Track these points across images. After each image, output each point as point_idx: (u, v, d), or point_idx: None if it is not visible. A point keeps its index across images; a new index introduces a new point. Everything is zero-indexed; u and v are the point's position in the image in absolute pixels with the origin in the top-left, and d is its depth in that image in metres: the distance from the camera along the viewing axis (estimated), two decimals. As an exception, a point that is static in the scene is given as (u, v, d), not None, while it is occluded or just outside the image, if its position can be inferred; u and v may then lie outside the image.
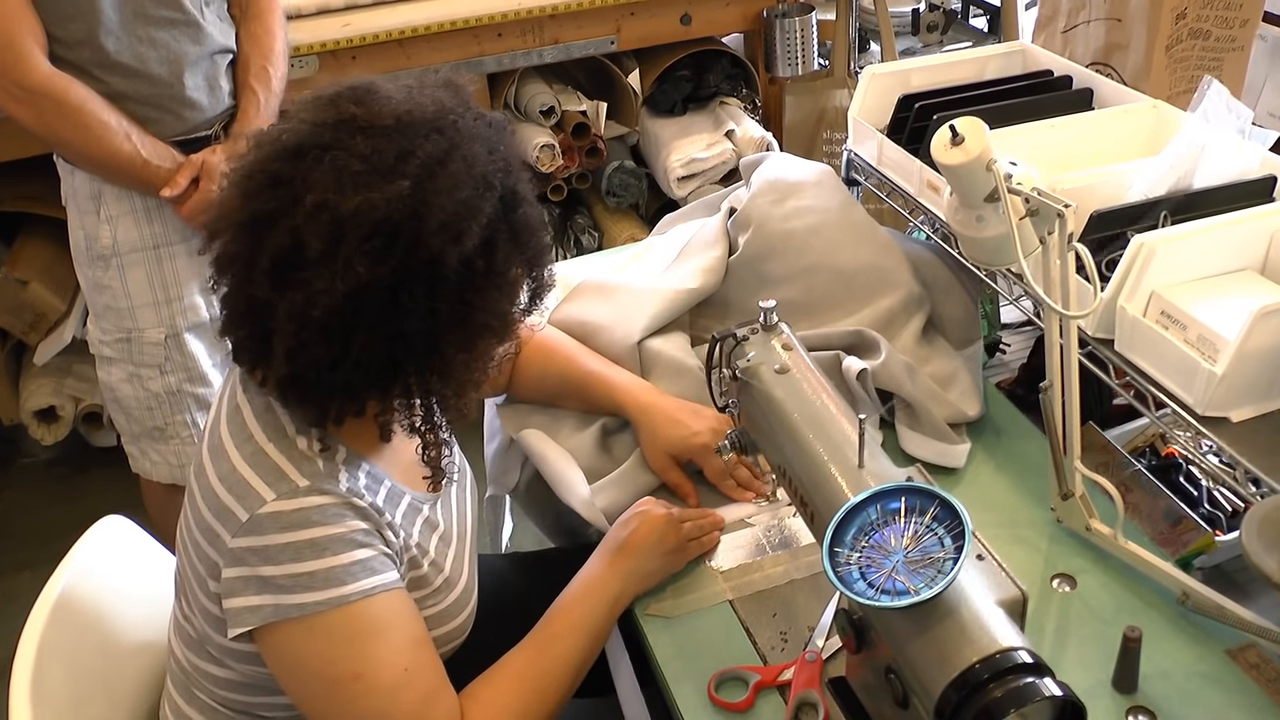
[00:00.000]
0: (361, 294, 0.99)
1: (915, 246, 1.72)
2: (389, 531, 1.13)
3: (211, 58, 1.92)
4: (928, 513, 1.01)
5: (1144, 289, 1.30)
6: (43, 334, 2.73)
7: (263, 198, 1.01)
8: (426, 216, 1.00)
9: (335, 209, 0.99)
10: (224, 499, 1.07)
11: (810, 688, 1.20)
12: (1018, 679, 0.92)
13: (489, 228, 1.04)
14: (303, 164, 1.01)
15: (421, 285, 1.01)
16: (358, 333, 1.01)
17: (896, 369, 1.51)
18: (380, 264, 0.99)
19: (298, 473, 1.07)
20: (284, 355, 1.01)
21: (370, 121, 1.03)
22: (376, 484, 1.15)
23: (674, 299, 1.64)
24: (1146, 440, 1.58)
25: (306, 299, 0.99)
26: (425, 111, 1.05)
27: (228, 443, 1.10)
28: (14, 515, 2.85)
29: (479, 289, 1.05)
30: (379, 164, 1.00)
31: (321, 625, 1.05)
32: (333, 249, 0.98)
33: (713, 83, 3.04)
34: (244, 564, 1.05)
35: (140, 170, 1.85)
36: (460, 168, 1.03)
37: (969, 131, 1.15)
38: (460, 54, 2.74)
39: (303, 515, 1.05)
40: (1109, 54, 2.04)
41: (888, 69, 1.84)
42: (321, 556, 1.05)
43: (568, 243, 3.06)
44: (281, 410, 1.11)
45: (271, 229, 1.00)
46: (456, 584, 1.25)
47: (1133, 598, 1.28)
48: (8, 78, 1.76)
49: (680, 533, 1.34)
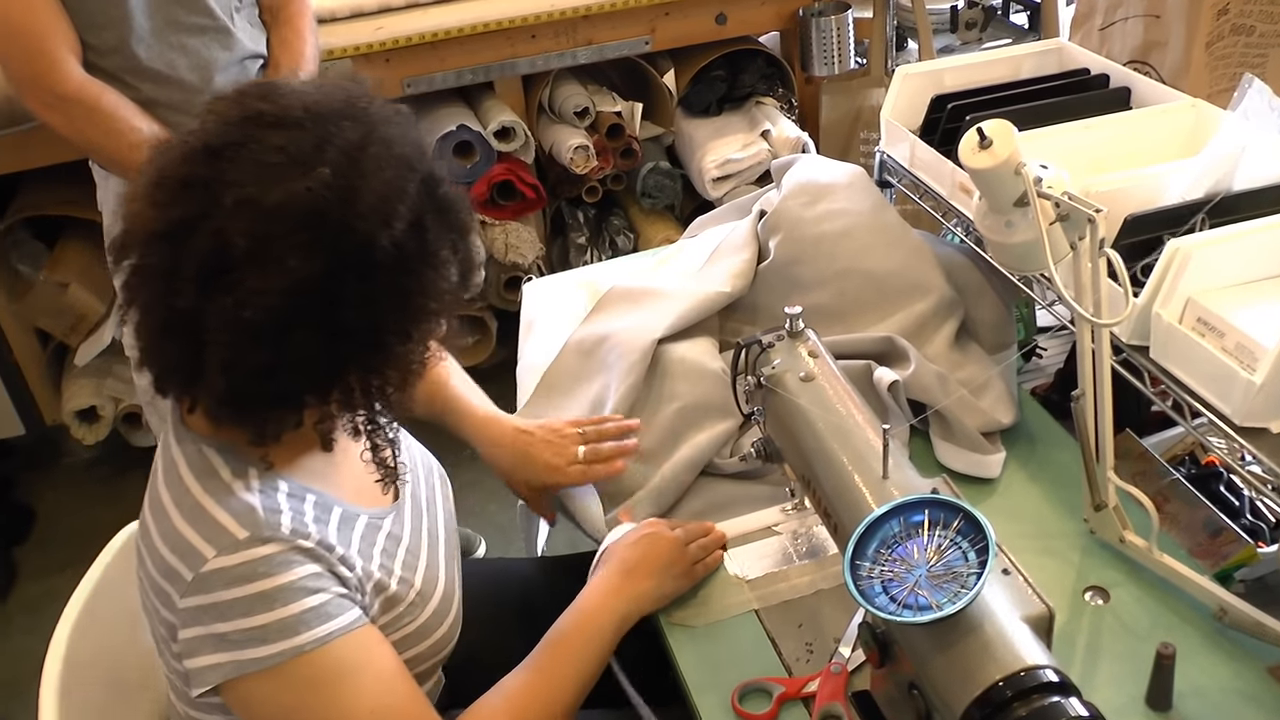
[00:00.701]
0: (296, 289, 0.95)
1: (948, 249, 1.69)
2: (343, 567, 1.08)
3: (242, 63, 1.93)
4: (951, 526, 0.99)
5: (1179, 295, 1.27)
6: (83, 336, 2.76)
7: (177, 204, 0.96)
8: (354, 202, 0.97)
9: (259, 203, 0.95)
10: (169, 559, 1.04)
11: (835, 700, 1.18)
12: (1042, 698, 0.89)
13: (416, 208, 1.01)
14: (216, 164, 0.97)
15: (356, 274, 0.98)
16: (295, 332, 0.97)
17: (928, 379, 1.48)
18: (312, 255, 0.95)
19: (236, 524, 1.03)
20: (219, 367, 0.97)
21: (279, 115, 0.99)
22: (325, 513, 1.11)
23: (702, 301, 1.63)
24: (1186, 448, 1.55)
25: (238, 301, 0.94)
26: (334, 101, 1.02)
27: (166, 500, 1.07)
28: (56, 515, 2.89)
29: (414, 271, 1.02)
30: (297, 155, 0.97)
31: (281, 676, 1.03)
32: (261, 246, 0.94)
33: (748, 82, 3.02)
34: (198, 623, 1.02)
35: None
36: (380, 150, 1.00)
37: (997, 135, 1.13)
38: (494, 56, 2.74)
39: (247, 569, 1.01)
40: (1147, 51, 2.00)
41: (920, 69, 1.81)
42: (272, 608, 1.01)
43: (603, 244, 3.05)
44: (213, 454, 1.07)
45: (192, 234, 0.95)
46: (431, 596, 1.21)
47: (1168, 613, 1.25)
48: (41, 85, 1.77)
49: (688, 558, 1.33)
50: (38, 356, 2.85)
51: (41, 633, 1.27)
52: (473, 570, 1.63)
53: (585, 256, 3.01)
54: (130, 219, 1.00)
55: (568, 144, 2.80)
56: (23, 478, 2.98)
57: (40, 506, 2.91)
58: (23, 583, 2.69)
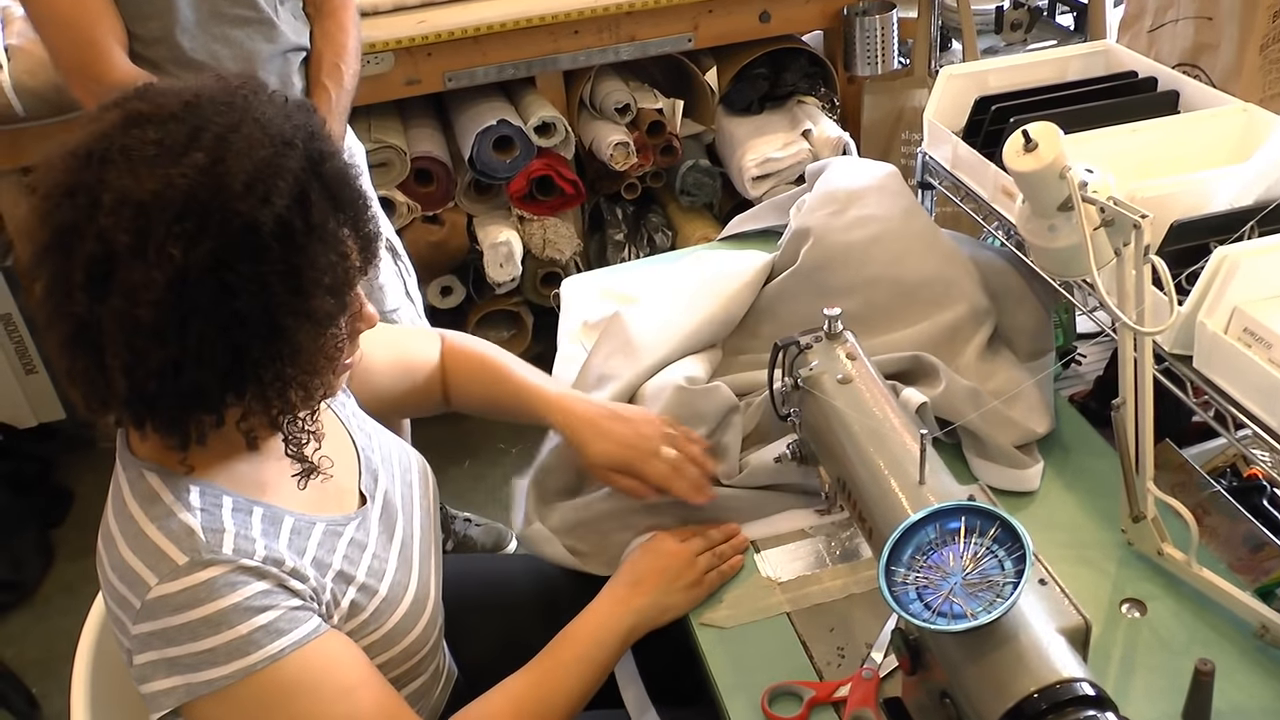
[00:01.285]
0: (184, 280, 0.93)
1: (986, 253, 1.67)
2: (294, 580, 1.06)
3: (285, 55, 1.93)
4: (988, 534, 0.98)
5: (1226, 304, 1.24)
6: (123, 323, 2.79)
7: (60, 212, 0.95)
8: (229, 183, 0.95)
9: (135, 198, 0.93)
10: (119, 588, 1.03)
11: (865, 706, 1.17)
12: (1077, 712, 0.88)
13: (298, 184, 0.99)
14: (95, 168, 0.95)
15: (243, 257, 0.96)
16: (191, 325, 0.95)
17: (958, 398, 1.45)
18: (195, 244, 0.93)
19: (176, 549, 1.01)
20: (121, 369, 0.95)
21: (156, 112, 0.98)
22: (274, 525, 1.09)
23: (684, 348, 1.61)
24: (1227, 460, 1.53)
25: (129, 301, 0.93)
26: (212, 92, 1.01)
27: (114, 529, 1.06)
28: (94, 498, 2.92)
29: (302, 248, 0.99)
30: (171, 146, 0.95)
31: (235, 697, 1.02)
32: (142, 240, 0.93)
33: (790, 81, 3.01)
34: (150, 648, 1.02)
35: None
36: (254, 130, 0.98)
37: (1042, 137, 1.12)
38: (536, 51, 2.74)
39: (189, 595, 1.00)
40: (1197, 54, 1.97)
41: (965, 69, 1.79)
42: (218, 631, 1.00)
43: (641, 241, 3.05)
44: (154, 477, 1.05)
45: (78, 239, 0.94)
46: (400, 600, 1.19)
47: (1206, 628, 1.22)
48: (88, 74, 1.79)
49: (697, 568, 1.32)
50: (79, 342, 2.88)
51: (77, 613, 1.29)
52: (500, 565, 1.64)
53: (623, 253, 3.01)
54: (25, 236, 0.99)
55: (608, 140, 2.79)
56: (62, 460, 3.01)
57: (79, 489, 2.94)
58: (60, 564, 2.73)
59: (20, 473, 2.86)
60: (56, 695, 2.34)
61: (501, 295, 2.98)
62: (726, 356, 1.64)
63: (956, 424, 1.43)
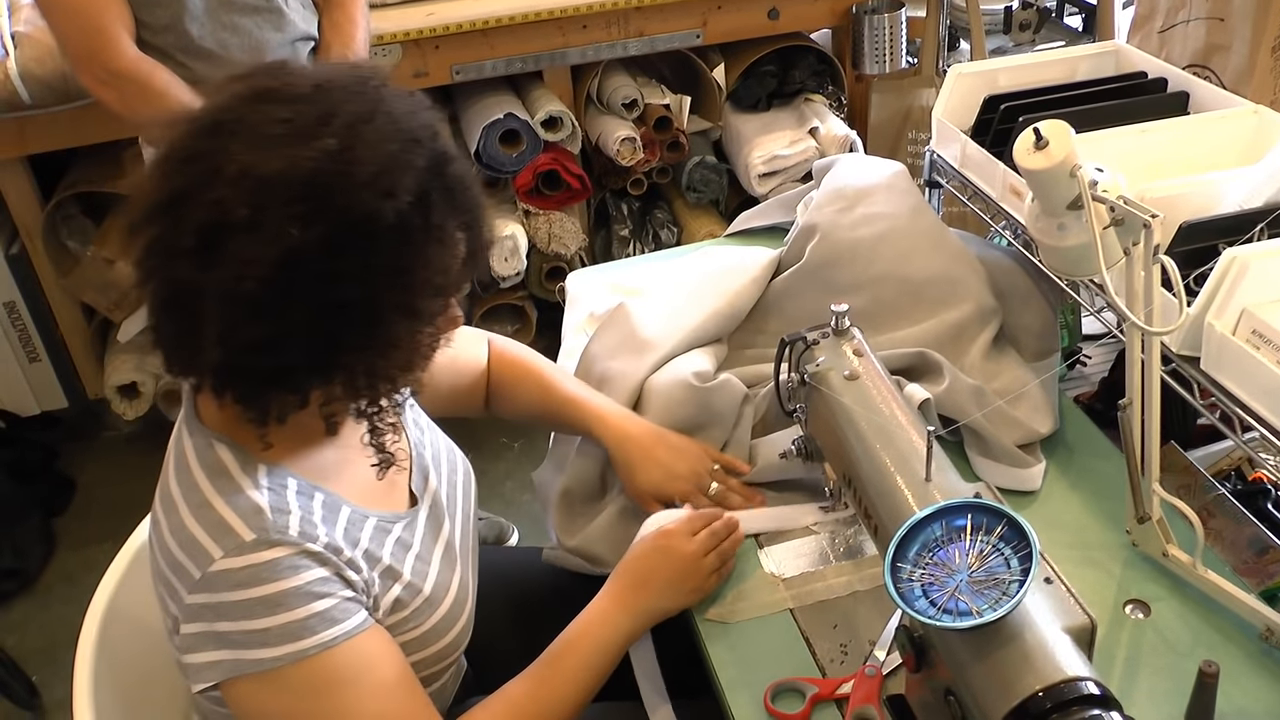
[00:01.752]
0: (294, 260, 0.93)
1: (993, 253, 1.67)
2: (350, 571, 1.07)
3: (293, 45, 1.93)
4: (994, 532, 0.98)
5: (1234, 306, 1.24)
6: (127, 312, 2.79)
7: (180, 176, 0.96)
8: (355, 171, 0.95)
9: (258, 172, 0.93)
10: (177, 555, 1.03)
11: (868, 703, 1.17)
12: (1082, 711, 0.88)
13: (421, 183, 0.99)
14: (220, 137, 0.96)
15: (357, 246, 0.96)
16: (293, 305, 0.95)
17: (962, 396, 1.45)
18: (311, 225, 0.93)
19: (244, 525, 1.02)
20: (215, 339, 0.95)
21: (285, 90, 0.98)
22: (333, 513, 1.09)
23: (696, 331, 1.61)
24: (1232, 463, 1.52)
25: (236, 272, 0.93)
26: (344, 78, 1.01)
27: (176, 494, 1.06)
28: (96, 487, 2.92)
29: (417, 246, 0.99)
30: (301, 126, 0.95)
31: (281, 679, 1.02)
32: (259, 214, 0.93)
33: (798, 79, 3.00)
34: (200, 619, 1.02)
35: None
36: (385, 123, 0.98)
37: (1053, 135, 1.11)
38: (544, 45, 2.74)
39: (252, 572, 1.00)
40: (1209, 55, 1.96)
41: (974, 68, 1.79)
42: (275, 613, 1.01)
43: (646, 237, 3.04)
44: (224, 449, 1.06)
45: (192, 205, 0.94)
46: (440, 601, 1.19)
47: (1211, 630, 1.22)
48: (96, 61, 1.79)
49: (702, 571, 1.29)
50: (83, 331, 2.88)
51: (78, 602, 1.29)
52: (503, 558, 1.63)
53: (628, 249, 3.00)
54: (140, 192, 0.99)
55: (615, 135, 2.79)
56: (65, 449, 3.01)
57: (81, 478, 2.94)
58: (62, 553, 2.73)
59: (23, 461, 2.86)
60: (57, 684, 2.34)
61: (506, 289, 2.98)
62: (732, 351, 1.64)
63: (960, 423, 1.42)
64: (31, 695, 2.29)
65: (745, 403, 1.49)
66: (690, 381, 1.48)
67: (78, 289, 2.77)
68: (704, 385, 1.48)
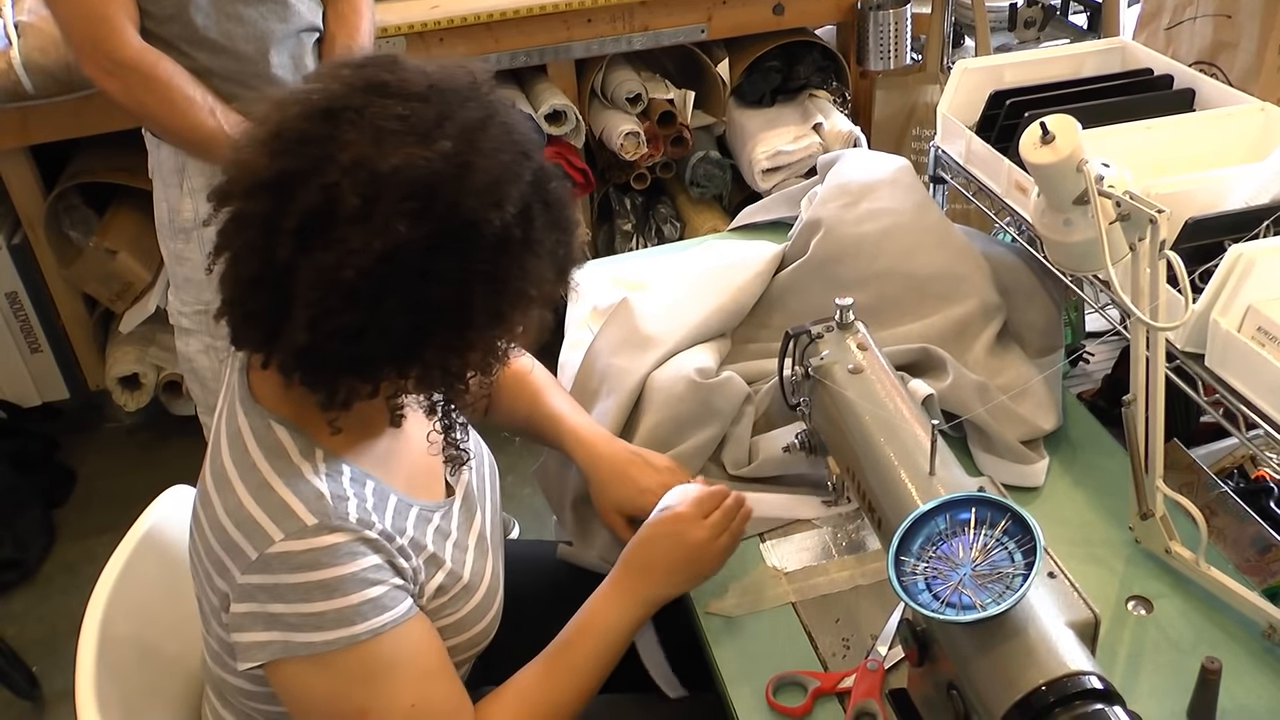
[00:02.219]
0: (396, 255, 0.94)
1: (998, 249, 1.67)
2: (400, 558, 1.09)
3: (298, 36, 1.93)
4: (998, 525, 0.97)
5: (1240, 302, 1.24)
6: (129, 303, 2.79)
7: (291, 156, 0.96)
8: (469, 178, 0.96)
9: (374, 165, 0.95)
10: (232, 535, 1.04)
11: (870, 698, 1.17)
12: (1085, 705, 0.87)
13: (525, 196, 1.01)
14: (335, 123, 0.97)
15: (457, 250, 0.97)
16: (388, 298, 0.96)
17: (966, 392, 1.45)
18: (419, 223, 0.94)
19: (305, 510, 1.03)
20: (305, 322, 0.96)
21: (402, 86, 0.99)
22: (382, 501, 1.10)
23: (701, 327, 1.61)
24: (1235, 462, 1.52)
25: (338, 259, 0.94)
26: (458, 81, 1.02)
27: (232, 473, 1.06)
28: (97, 478, 2.92)
29: (515, 257, 1.01)
30: (417, 125, 0.97)
31: (330, 663, 1.03)
32: (370, 207, 0.94)
33: (803, 75, 3.00)
34: (253, 600, 1.03)
35: (223, 145, 1.86)
36: (500, 133, 1.00)
37: (1060, 130, 1.11)
38: (548, 39, 2.74)
39: (312, 557, 1.02)
40: (1215, 53, 1.96)
41: (980, 64, 1.79)
42: (331, 598, 1.02)
43: (649, 232, 3.04)
44: (283, 431, 1.07)
45: (302, 187, 0.95)
46: (476, 589, 1.21)
47: (1213, 628, 1.22)
48: (100, 51, 1.78)
49: (712, 557, 1.27)
50: (84, 322, 2.88)
51: (79, 593, 1.28)
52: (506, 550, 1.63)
53: (631, 244, 3.00)
54: (238, 167, 1.00)
55: (619, 130, 2.79)
56: (66, 440, 3.01)
57: (81, 470, 2.94)
58: (62, 544, 2.72)
59: (24, 452, 2.85)
60: (56, 674, 2.33)
61: (508, 283, 2.97)
62: (735, 345, 1.64)
63: (963, 418, 1.42)
64: (32, 685, 2.29)
65: (747, 401, 1.49)
66: (692, 378, 1.48)
67: (80, 280, 2.77)
68: (706, 382, 1.48)
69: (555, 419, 1.47)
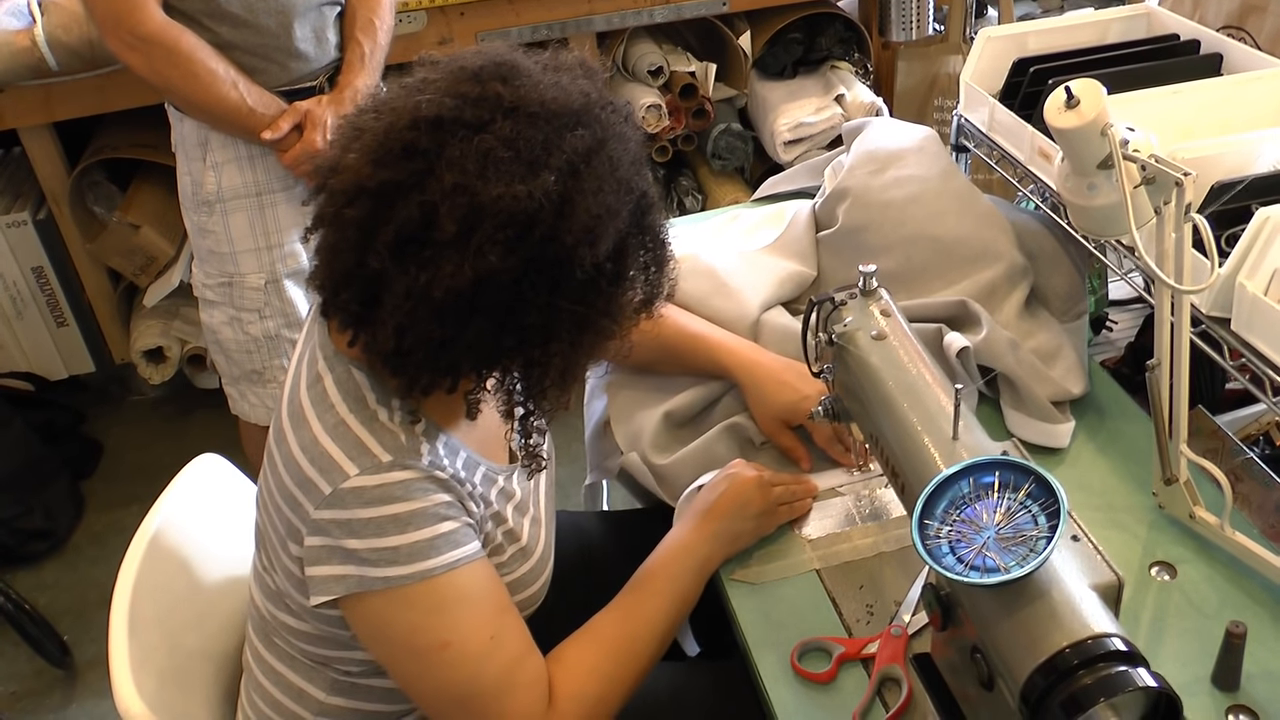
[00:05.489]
0: (487, 282, 0.96)
1: (1021, 216, 1.66)
2: (471, 502, 1.11)
3: (319, 9, 1.93)
4: (1022, 489, 0.97)
5: (1267, 266, 1.23)
6: (152, 277, 2.80)
7: (395, 167, 0.97)
8: (569, 215, 0.97)
9: (476, 194, 0.95)
10: (306, 470, 1.06)
11: (894, 663, 1.18)
12: (1109, 667, 0.88)
13: (622, 233, 1.02)
14: (442, 137, 0.97)
15: (548, 281, 0.98)
16: (475, 319, 0.98)
17: (1000, 345, 1.46)
18: (512, 255, 0.96)
19: (380, 447, 1.05)
20: (393, 330, 0.99)
21: (516, 104, 0.99)
22: (453, 454, 1.12)
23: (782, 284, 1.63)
24: (1261, 428, 1.52)
25: (430, 279, 0.96)
26: (572, 101, 1.01)
27: (309, 411, 1.08)
28: (123, 450, 2.94)
29: (603, 292, 1.02)
30: (525, 152, 0.97)
31: (407, 597, 1.05)
32: (467, 234, 0.95)
33: (824, 46, 2.98)
34: (327, 534, 1.05)
35: (246, 118, 1.87)
36: (604, 168, 1.00)
37: (1085, 94, 1.10)
38: (570, 12, 2.73)
39: (385, 491, 1.04)
40: (1244, 17, 1.93)
41: (1004, 31, 1.78)
42: (405, 531, 1.04)
43: (671, 204, 3.04)
44: (362, 378, 1.09)
45: (402, 201, 0.96)
46: (533, 553, 1.23)
47: (1238, 592, 1.22)
48: (123, 26, 1.79)
49: (769, 495, 1.32)
50: (109, 296, 2.90)
51: (107, 564, 1.30)
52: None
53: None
54: (345, 169, 1.00)
55: (640, 102, 2.78)
56: (92, 413, 3.04)
57: (108, 442, 2.97)
58: (90, 514, 2.75)
59: (52, 424, 2.88)
60: (87, 643, 2.36)
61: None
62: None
63: (996, 370, 1.44)
64: (63, 653, 2.32)
65: None
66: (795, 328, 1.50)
67: (104, 254, 2.78)
68: None
69: (698, 338, 1.49)
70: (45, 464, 2.72)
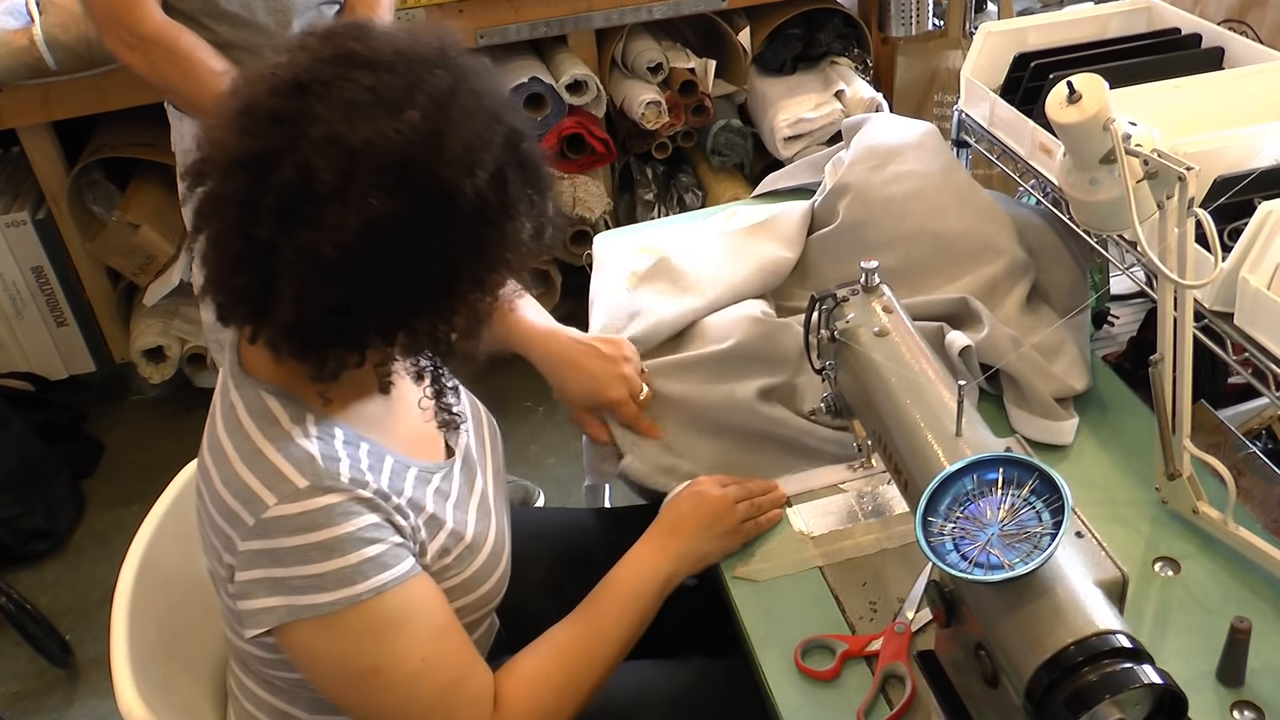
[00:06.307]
0: (375, 229, 0.95)
1: (1022, 211, 1.66)
2: (399, 516, 1.09)
3: (318, 8, 1.93)
4: (1025, 485, 0.97)
5: (1270, 260, 1.23)
6: (152, 276, 2.80)
7: (263, 135, 0.95)
8: (440, 147, 0.96)
9: (346, 141, 0.94)
10: (229, 503, 1.04)
11: (898, 660, 1.17)
12: (1114, 664, 0.88)
13: (499, 160, 1.00)
14: (304, 98, 0.96)
15: (436, 219, 0.97)
16: (370, 271, 0.96)
17: (1002, 342, 1.46)
18: (395, 197, 0.95)
19: (297, 473, 1.03)
20: (291, 300, 0.96)
21: (370, 56, 0.98)
22: (378, 462, 1.10)
23: (763, 272, 1.63)
24: (1263, 422, 1.51)
25: (318, 237, 0.94)
26: (426, 48, 1.01)
27: (226, 444, 1.07)
28: (124, 449, 2.94)
29: (492, 222, 1.01)
30: (387, 96, 0.96)
31: (336, 623, 1.04)
32: (345, 182, 0.93)
33: (824, 42, 2.98)
34: (256, 566, 1.03)
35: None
36: (470, 100, 0.99)
37: (1087, 89, 1.10)
38: (569, 9, 2.73)
39: (307, 518, 1.02)
40: (1245, 10, 1.93)
41: (1004, 26, 1.77)
42: (330, 558, 1.02)
43: (671, 201, 3.03)
44: (273, 400, 1.07)
45: (277, 165, 0.94)
46: (481, 547, 1.21)
47: (1241, 587, 1.22)
48: (122, 25, 1.79)
49: (735, 516, 1.32)
50: (109, 295, 2.90)
51: (109, 562, 1.30)
52: (531, 519, 1.64)
53: (653, 213, 2.99)
54: (211, 146, 0.99)
55: (639, 99, 2.78)
56: (93, 412, 3.03)
57: (108, 441, 2.96)
58: (91, 513, 2.75)
59: (53, 423, 2.88)
60: (89, 642, 2.36)
61: (530, 253, 2.97)
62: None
63: (998, 366, 1.44)
64: (65, 653, 2.32)
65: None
66: (757, 315, 1.51)
67: (103, 254, 2.79)
68: (771, 320, 1.50)
69: (509, 321, 1.47)
70: (46, 463, 2.71)
